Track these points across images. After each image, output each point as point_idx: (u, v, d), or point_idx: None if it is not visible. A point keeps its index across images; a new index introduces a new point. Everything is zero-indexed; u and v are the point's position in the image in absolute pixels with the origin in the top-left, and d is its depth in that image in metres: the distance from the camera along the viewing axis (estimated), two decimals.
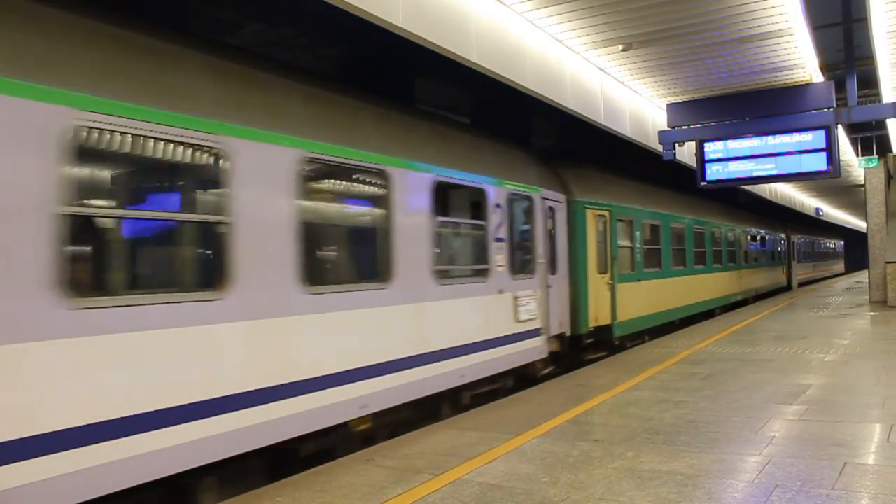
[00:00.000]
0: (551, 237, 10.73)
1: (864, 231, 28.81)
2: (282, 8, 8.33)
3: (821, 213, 39.31)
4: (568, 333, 11.21)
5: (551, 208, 10.72)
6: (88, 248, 4.83)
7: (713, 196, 22.13)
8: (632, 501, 4.63)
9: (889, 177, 22.51)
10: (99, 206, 5.02)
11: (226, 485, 5.38)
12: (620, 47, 10.26)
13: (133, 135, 4.66)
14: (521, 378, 9.76)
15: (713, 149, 13.49)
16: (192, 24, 8.83)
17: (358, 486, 5.19)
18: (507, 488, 5.03)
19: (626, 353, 12.40)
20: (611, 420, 7.05)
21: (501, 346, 8.92)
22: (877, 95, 13.88)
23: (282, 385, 5.56)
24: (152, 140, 4.84)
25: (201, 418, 4.87)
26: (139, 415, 4.48)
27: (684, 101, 13.53)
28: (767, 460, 5.44)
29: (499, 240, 8.99)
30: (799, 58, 11.15)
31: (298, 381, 5.73)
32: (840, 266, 56.85)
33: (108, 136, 4.55)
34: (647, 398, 8.07)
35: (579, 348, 11.73)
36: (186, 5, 8.44)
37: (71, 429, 4.11)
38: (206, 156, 5.22)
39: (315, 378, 5.90)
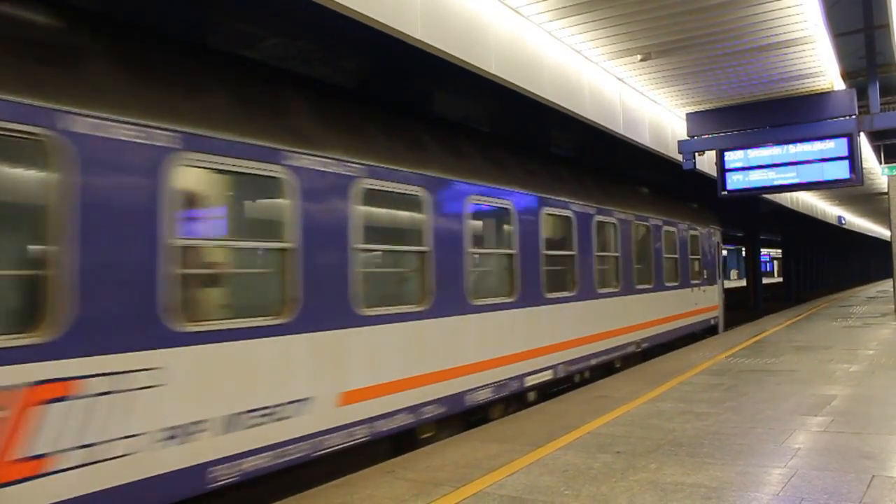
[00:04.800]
0: None
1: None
2: (301, 21, 8.40)
3: (843, 221, 38.88)
4: None
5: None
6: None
7: None
8: None
9: None
10: None
11: None
12: (639, 57, 10.23)
13: None
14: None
15: (733, 158, 13.41)
16: (211, 37, 8.91)
17: (379, 499, 5.18)
18: (528, 501, 5.00)
19: (646, 364, 12.31)
20: (633, 432, 6.99)
21: None
22: None
23: None
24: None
25: None
26: None
27: (704, 111, 13.46)
28: (793, 473, 5.37)
29: None
30: (820, 65, 11.05)
31: None
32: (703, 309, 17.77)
33: None
34: (669, 409, 8.00)
35: None
36: (205, 19, 8.52)
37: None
38: None
39: None
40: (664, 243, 14.51)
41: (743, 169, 13.33)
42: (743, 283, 52.12)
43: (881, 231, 52.27)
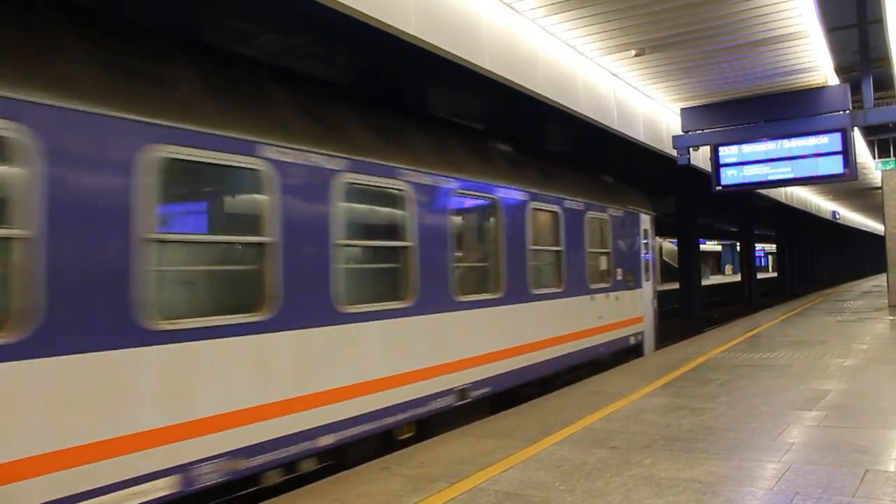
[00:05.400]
0: None
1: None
2: (295, 18, 8.38)
3: (837, 216, 39.00)
4: None
5: None
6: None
7: None
8: None
9: None
10: None
11: None
12: (633, 52, 10.23)
13: None
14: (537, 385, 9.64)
15: (728, 153, 13.43)
16: (205, 34, 8.88)
17: (374, 495, 5.18)
18: (523, 496, 5.00)
19: (642, 359, 12.33)
20: (628, 427, 6.99)
21: None
22: (893, 97, 13.79)
23: None
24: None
25: None
26: None
27: (698, 106, 13.47)
28: (787, 467, 5.38)
29: None
30: (814, 60, 11.07)
31: None
32: None
33: None
34: (664, 405, 8.01)
35: None
36: (199, 16, 8.49)
37: None
38: None
39: None
40: (533, 230, 9.59)
41: (737, 164, 13.35)
42: (738, 278, 52.27)
43: (875, 226, 52.40)
